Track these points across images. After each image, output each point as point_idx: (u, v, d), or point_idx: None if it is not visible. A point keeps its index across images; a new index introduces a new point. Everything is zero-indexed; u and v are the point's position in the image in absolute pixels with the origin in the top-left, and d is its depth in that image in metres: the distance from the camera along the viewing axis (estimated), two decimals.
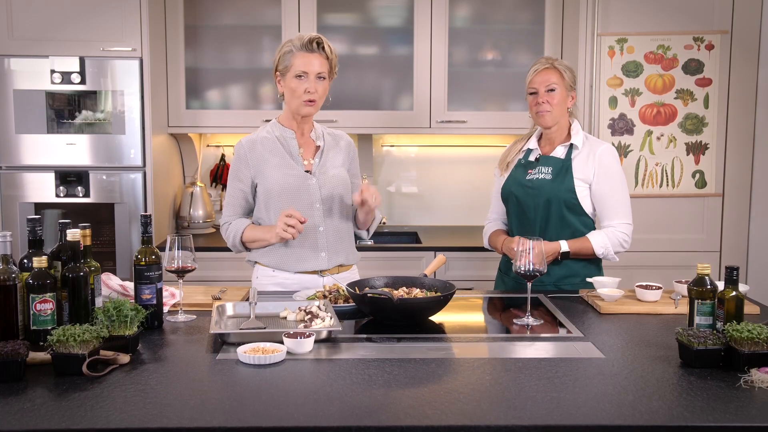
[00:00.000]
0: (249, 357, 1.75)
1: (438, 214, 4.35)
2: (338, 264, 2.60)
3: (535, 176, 2.63)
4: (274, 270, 2.57)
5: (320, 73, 2.49)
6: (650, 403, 1.53)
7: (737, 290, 1.87)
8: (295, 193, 2.53)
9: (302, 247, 2.55)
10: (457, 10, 3.92)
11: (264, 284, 2.58)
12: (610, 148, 2.62)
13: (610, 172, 2.59)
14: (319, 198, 2.55)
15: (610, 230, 2.58)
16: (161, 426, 1.41)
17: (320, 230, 2.55)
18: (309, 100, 2.49)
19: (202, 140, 4.27)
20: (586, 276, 2.59)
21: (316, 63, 2.48)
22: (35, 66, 3.51)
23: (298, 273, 2.56)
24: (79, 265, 1.91)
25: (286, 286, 2.56)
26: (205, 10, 3.88)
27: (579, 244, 2.56)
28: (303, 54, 2.47)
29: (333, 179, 2.58)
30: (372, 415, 1.46)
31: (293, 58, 2.49)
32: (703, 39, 3.67)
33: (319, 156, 2.60)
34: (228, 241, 2.60)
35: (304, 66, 2.47)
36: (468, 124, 3.91)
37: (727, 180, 3.75)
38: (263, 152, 2.56)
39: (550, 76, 2.60)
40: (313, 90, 2.48)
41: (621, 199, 2.60)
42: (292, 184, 2.53)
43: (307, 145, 2.61)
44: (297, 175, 2.54)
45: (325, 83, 2.52)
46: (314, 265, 2.56)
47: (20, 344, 1.67)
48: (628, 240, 2.60)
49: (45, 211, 3.60)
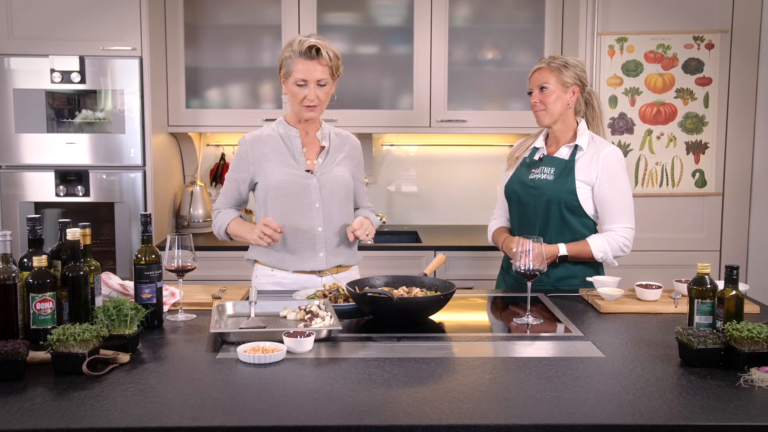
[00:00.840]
0: (249, 356, 1.75)
1: (438, 213, 4.35)
2: (337, 265, 2.60)
3: (538, 176, 2.63)
4: (273, 269, 2.58)
5: (321, 80, 2.47)
6: (650, 403, 1.53)
7: (737, 289, 1.87)
8: (294, 192, 2.53)
9: (301, 247, 2.55)
10: (457, 9, 3.92)
11: (263, 283, 2.59)
12: (615, 151, 2.58)
13: (613, 175, 2.56)
14: (319, 198, 2.55)
15: (610, 234, 2.55)
16: (161, 425, 1.41)
17: (319, 230, 2.55)
18: (309, 105, 2.49)
19: (201, 139, 4.27)
20: (585, 277, 2.58)
21: (316, 70, 2.45)
22: (35, 65, 3.51)
23: (296, 272, 2.56)
24: (79, 264, 1.91)
25: (284, 286, 2.56)
26: (205, 9, 3.88)
27: (578, 247, 2.55)
28: (302, 61, 2.45)
29: (334, 180, 2.58)
30: (372, 415, 1.46)
31: (293, 64, 2.47)
32: (703, 38, 3.67)
33: (323, 156, 2.60)
34: (214, 229, 2.67)
35: (304, 74, 2.45)
36: (468, 123, 3.91)
37: (727, 179, 3.75)
38: (265, 149, 2.57)
39: (543, 75, 2.60)
40: (313, 98, 2.47)
41: (623, 203, 2.57)
42: (292, 183, 2.53)
43: (312, 145, 2.61)
44: (297, 174, 2.54)
45: (327, 88, 2.50)
46: (312, 265, 2.56)
47: (20, 343, 1.67)
48: (628, 245, 2.56)
49: (45, 211, 3.60)
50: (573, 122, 2.65)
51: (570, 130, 2.65)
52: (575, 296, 2.49)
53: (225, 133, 4.14)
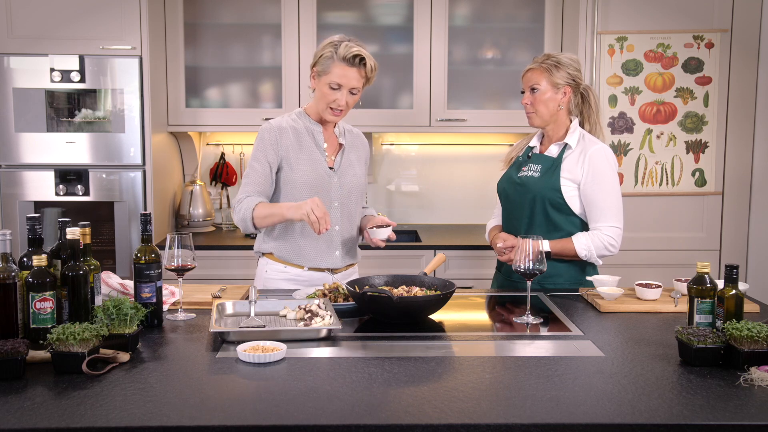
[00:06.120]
0: (249, 355, 1.75)
1: (438, 212, 4.35)
2: (348, 263, 2.61)
3: (526, 174, 2.62)
4: (286, 266, 2.56)
5: (354, 88, 2.45)
6: (650, 402, 1.53)
7: (737, 288, 1.87)
8: (318, 189, 2.51)
9: (318, 245, 2.54)
10: (456, 9, 3.92)
11: (273, 279, 2.57)
12: (602, 149, 2.55)
13: (599, 173, 2.52)
14: (338, 197, 2.55)
15: (595, 233, 2.52)
16: (161, 424, 1.41)
17: (336, 229, 2.55)
18: (336, 110, 2.47)
19: (201, 138, 4.27)
20: (570, 276, 2.58)
21: (354, 78, 2.43)
22: (35, 64, 3.51)
23: (310, 270, 2.56)
24: (78, 263, 1.91)
25: (297, 283, 2.55)
26: (204, 8, 3.88)
27: (561, 244, 2.53)
28: (342, 66, 2.42)
29: (352, 179, 2.58)
30: (372, 414, 1.46)
31: (332, 66, 2.43)
32: (703, 37, 3.67)
33: (340, 155, 2.59)
34: (237, 216, 2.47)
35: (340, 78, 2.42)
36: (468, 122, 3.91)
37: (727, 178, 3.75)
38: (294, 141, 2.52)
39: (534, 75, 2.58)
40: (343, 103, 2.45)
41: (609, 202, 2.53)
42: (318, 179, 2.51)
43: (331, 141, 2.60)
44: (323, 171, 2.53)
45: (356, 96, 2.49)
46: (329, 262, 2.56)
47: (20, 343, 1.67)
48: (614, 244, 2.52)
49: (45, 210, 3.60)
50: (565, 121, 2.64)
51: (562, 129, 2.63)
52: (575, 295, 2.49)
53: (225, 132, 4.14)
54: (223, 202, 4.28)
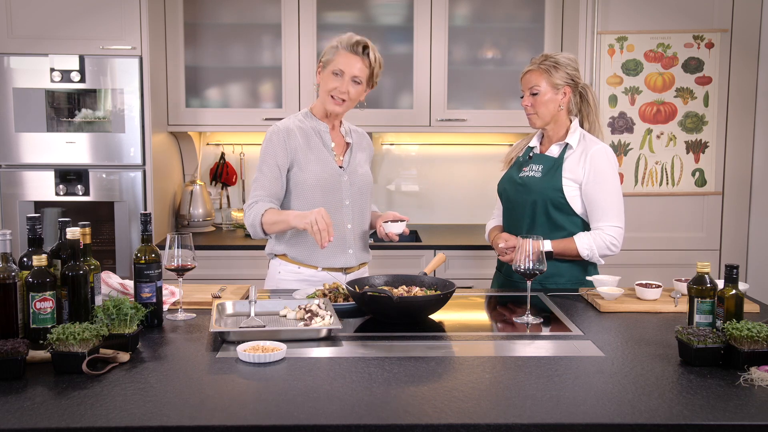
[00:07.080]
0: (249, 355, 1.75)
1: (438, 212, 4.35)
2: (361, 262, 2.62)
3: (527, 174, 2.63)
4: (300, 266, 2.56)
5: (357, 76, 2.47)
6: (650, 402, 1.53)
7: (737, 288, 1.87)
8: (329, 188, 2.52)
9: (332, 244, 2.51)
10: (456, 9, 3.92)
11: (287, 280, 2.57)
12: (603, 149, 2.56)
13: (600, 173, 2.53)
14: (349, 195, 2.55)
15: (597, 233, 2.52)
16: (161, 424, 1.41)
17: (348, 228, 2.56)
18: (337, 98, 2.48)
19: (201, 138, 4.27)
20: (572, 276, 2.58)
21: (356, 66, 2.46)
22: (35, 64, 3.51)
23: (324, 270, 2.55)
24: (78, 263, 1.91)
25: (311, 283, 2.55)
26: (204, 8, 3.88)
27: (563, 244, 2.53)
28: (346, 54, 2.46)
29: (362, 177, 2.59)
30: (372, 414, 1.46)
31: (336, 55, 2.47)
32: (703, 37, 3.67)
33: (348, 153, 2.60)
34: (248, 220, 2.47)
35: (343, 65, 2.46)
36: (468, 122, 3.91)
37: (727, 178, 3.75)
38: (302, 142, 2.52)
39: (533, 77, 2.58)
40: (344, 90, 2.47)
41: (611, 201, 2.53)
42: (328, 178, 2.52)
43: (338, 141, 2.61)
44: (333, 170, 2.53)
45: (359, 88, 2.50)
46: (343, 261, 2.56)
47: (20, 342, 1.67)
48: (616, 243, 2.53)
49: (45, 210, 3.60)
50: (566, 121, 2.64)
51: (562, 129, 2.64)
52: (575, 295, 2.49)
53: (225, 132, 4.14)
54: (223, 202, 4.28)
